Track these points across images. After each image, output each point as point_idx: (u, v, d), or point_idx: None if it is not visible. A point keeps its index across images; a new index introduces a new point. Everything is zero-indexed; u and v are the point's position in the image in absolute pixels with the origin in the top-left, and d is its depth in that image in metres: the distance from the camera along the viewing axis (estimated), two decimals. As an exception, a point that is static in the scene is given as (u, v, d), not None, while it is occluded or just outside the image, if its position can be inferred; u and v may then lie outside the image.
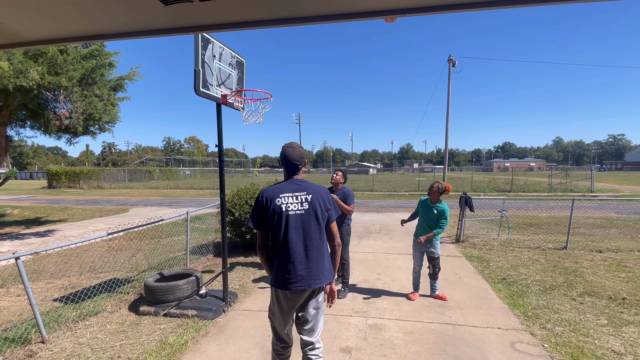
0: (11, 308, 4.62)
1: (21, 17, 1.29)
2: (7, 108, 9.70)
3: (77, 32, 1.45)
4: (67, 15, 1.28)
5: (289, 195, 2.35)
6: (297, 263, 2.29)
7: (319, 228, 2.37)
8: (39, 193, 27.80)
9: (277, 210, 2.30)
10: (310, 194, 2.37)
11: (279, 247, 2.32)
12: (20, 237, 9.68)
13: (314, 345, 2.46)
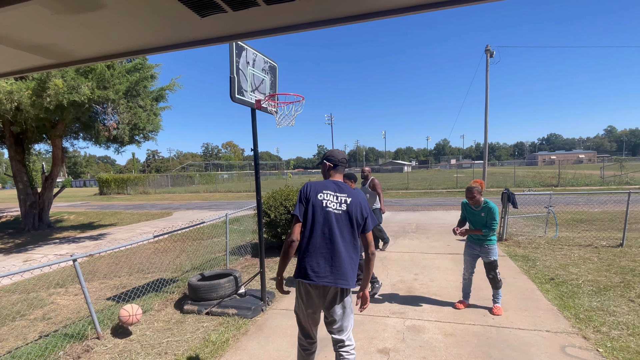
0: (70, 306, 5.02)
1: (73, 38, 1.40)
2: (62, 122, 10.58)
3: (122, 49, 1.55)
4: (113, 33, 1.38)
5: (330, 193, 2.43)
6: (326, 259, 2.34)
7: (352, 232, 2.41)
8: (91, 199, 29.97)
9: (318, 204, 2.39)
10: (350, 198, 2.44)
11: (309, 240, 2.36)
12: (77, 240, 10.49)
13: (344, 342, 2.46)
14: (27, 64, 1.64)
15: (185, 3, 1.17)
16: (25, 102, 8.17)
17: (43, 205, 12.54)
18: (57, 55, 1.57)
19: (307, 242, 2.36)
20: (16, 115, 8.88)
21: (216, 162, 78.48)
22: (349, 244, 2.39)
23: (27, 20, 1.22)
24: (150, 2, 1.17)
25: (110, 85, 9.22)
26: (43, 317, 4.63)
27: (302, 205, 2.42)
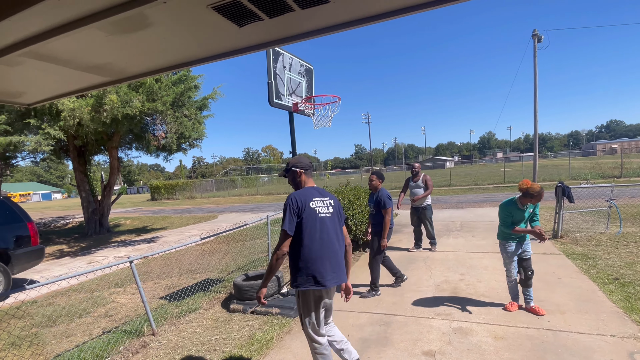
0: (128, 304, 5.41)
1: (125, 56, 1.51)
2: (117, 134, 11.45)
3: (168, 63, 1.65)
4: (160, 49, 1.47)
5: (318, 199, 2.54)
6: (332, 261, 2.48)
7: (341, 230, 2.64)
8: (144, 205, 32.10)
9: (312, 213, 2.47)
10: (332, 200, 2.62)
11: (310, 249, 2.43)
12: (132, 243, 11.29)
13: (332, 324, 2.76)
14: (87, 83, 1.79)
15: (224, 15, 1.22)
16: (85, 118, 8.95)
17: (103, 212, 13.64)
18: (112, 73, 1.70)
19: (309, 251, 2.44)
20: (78, 130, 9.76)
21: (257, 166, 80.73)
22: (341, 242, 2.60)
23: (86, 44, 1.34)
24: (192, 17, 1.23)
25: (159, 98, 9.83)
26: (105, 315, 5.04)
27: (293, 218, 2.42)
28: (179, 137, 11.28)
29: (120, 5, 1.03)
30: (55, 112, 9.17)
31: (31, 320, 5.00)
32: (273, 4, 1.19)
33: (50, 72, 1.56)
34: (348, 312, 4.35)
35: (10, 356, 3.89)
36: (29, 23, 1.05)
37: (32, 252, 6.77)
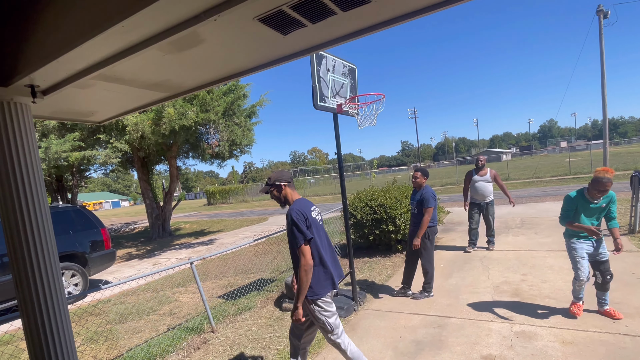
0: (190, 303, 5.79)
1: (181, 72, 1.64)
2: (175, 144, 12.31)
3: (219, 75, 1.76)
4: (211, 63, 1.58)
5: (313, 208, 2.66)
6: (333, 265, 2.64)
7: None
8: (201, 210, 34.08)
9: (315, 222, 2.57)
10: (317, 207, 2.74)
11: (322, 255, 2.55)
12: (192, 246, 12.05)
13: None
14: (148, 99, 1.96)
15: (269, 25, 1.26)
16: (147, 131, 9.77)
17: (165, 217, 14.73)
18: (170, 89, 1.85)
19: (322, 258, 2.55)
20: (141, 142, 10.66)
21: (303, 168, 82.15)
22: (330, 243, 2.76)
23: (147, 63, 1.48)
24: (239, 31, 1.30)
25: (211, 108, 10.44)
26: (169, 312, 5.44)
27: (305, 230, 2.46)
28: (230, 144, 11.85)
29: (177, 26, 1.12)
30: (121, 127, 10.11)
31: (106, 317, 5.54)
32: (316, 10, 1.21)
33: (116, 92, 1.74)
34: (399, 313, 4.27)
35: (88, 350, 4.34)
36: (98, 49, 1.19)
37: (106, 255, 7.51)
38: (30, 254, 1.46)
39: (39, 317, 1.49)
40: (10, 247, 1.45)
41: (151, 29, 1.12)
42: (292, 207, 2.56)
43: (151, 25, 1.10)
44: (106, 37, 1.10)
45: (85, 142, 10.96)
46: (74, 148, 10.31)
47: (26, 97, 1.41)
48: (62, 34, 1.17)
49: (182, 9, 1.04)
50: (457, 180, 24.71)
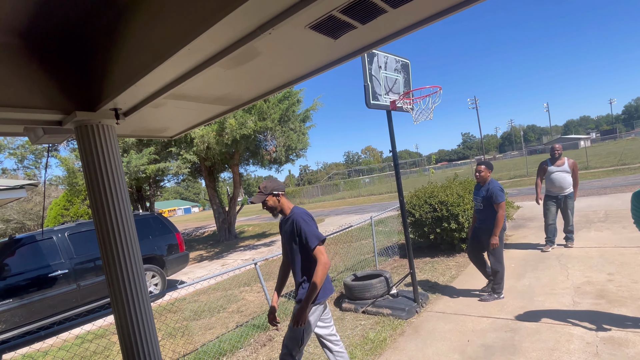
0: (255, 302, 6.09)
1: (240, 85, 1.76)
2: (237, 153, 13.05)
3: (275, 85, 1.83)
4: (267, 74, 1.66)
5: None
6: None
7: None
8: (262, 213, 35.54)
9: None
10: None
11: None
12: (255, 247, 12.64)
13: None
14: (212, 113, 2.13)
15: (320, 32, 1.29)
16: (212, 142, 10.54)
17: (230, 221, 15.65)
18: (231, 102, 1.99)
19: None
20: (207, 153, 11.51)
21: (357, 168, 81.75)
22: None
23: (210, 80, 1.61)
24: (292, 41, 1.35)
25: (268, 116, 10.94)
26: (237, 310, 5.77)
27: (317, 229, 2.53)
28: (287, 149, 12.28)
29: (235, 43, 1.21)
30: (189, 140, 11.01)
31: (182, 314, 6.05)
32: (365, 10, 1.21)
33: (184, 108, 1.92)
34: (466, 316, 4.07)
35: (168, 344, 4.77)
36: (169, 72, 1.33)
37: (180, 257, 8.21)
38: (119, 257, 1.67)
39: (128, 313, 1.68)
40: (103, 251, 1.67)
41: (213, 48, 1.23)
42: (296, 212, 2.59)
43: (213, 45, 1.21)
44: (175, 60, 1.22)
45: (159, 155, 12.13)
46: (150, 161, 11.47)
47: (111, 120, 1.63)
48: (138, 61, 1.33)
49: (239, 28, 1.12)
50: (527, 172, 22.70)
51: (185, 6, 1.13)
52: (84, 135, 1.59)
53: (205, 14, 1.06)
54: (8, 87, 1.41)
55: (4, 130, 1.74)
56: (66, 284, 6.32)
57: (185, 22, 1.14)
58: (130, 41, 1.37)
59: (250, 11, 1.03)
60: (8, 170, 19.77)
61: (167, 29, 1.21)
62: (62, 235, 6.62)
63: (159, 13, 1.25)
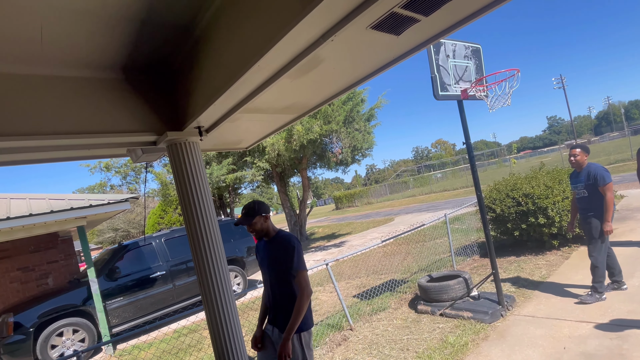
0: (328, 301, 6.22)
1: (306, 93, 1.85)
2: (305, 157, 13.51)
3: (338, 88, 1.88)
4: (331, 79, 1.72)
5: None
6: None
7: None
8: (331, 214, 36.10)
9: None
10: None
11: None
12: (325, 248, 12.90)
13: None
14: (281, 122, 2.27)
15: (382, 30, 1.28)
16: (281, 149, 11.10)
17: (301, 223, 16.20)
18: (298, 110, 2.10)
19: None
20: (278, 159, 12.13)
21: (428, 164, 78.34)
22: None
23: (278, 92, 1.73)
24: (354, 43, 1.37)
25: (332, 119, 11.14)
26: (312, 309, 5.95)
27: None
28: (352, 150, 12.34)
29: (300, 54, 1.28)
30: (262, 149, 11.73)
31: (264, 310, 6.42)
32: (427, 2, 1.18)
33: (257, 120, 2.07)
34: (561, 320, 3.66)
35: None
36: (241, 90, 1.46)
37: (258, 258, 8.75)
38: (207, 259, 1.86)
39: (216, 310, 1.86)
40: (194, 254, 1.87)
41: (279, 63, 1.32)
42: (286, 234, 2.44)
43: (279, 60, 1.30)
44: (246, 78, 1.34)
45: (236, 165, 13.12)
46: (229, 171, 12.50)
47: (195, 137, 1.83)
48: (214, 83, 1.48)
49: (302, 40, 1.18)
50: (631, 155, 19.45)
51: (251, 29, 1.24)
52: (174, 152, 1.81)
53: (269, 32, 1.15)
54: (114, 116, 1.68)
55: (112, 153, 2.06)
56: (164, 284, 7.15)
57: (252, 43, 1.24)
58: (206, 66, 1.54)
59: (312, 24, 1.07)
60: (115, 186, 23.26)
61: (236, 51, 1.34)
62: (159, 240, 7.52)
63: (228, 38, 1.38)
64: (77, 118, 1.59)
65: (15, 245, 7.88)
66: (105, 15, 1.33)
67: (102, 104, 1.65)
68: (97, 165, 19.61)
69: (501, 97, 4.19)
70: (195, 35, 1.58)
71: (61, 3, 1.22)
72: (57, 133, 1.52)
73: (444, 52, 4.05)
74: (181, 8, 1.41)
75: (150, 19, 1.42)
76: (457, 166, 56.58)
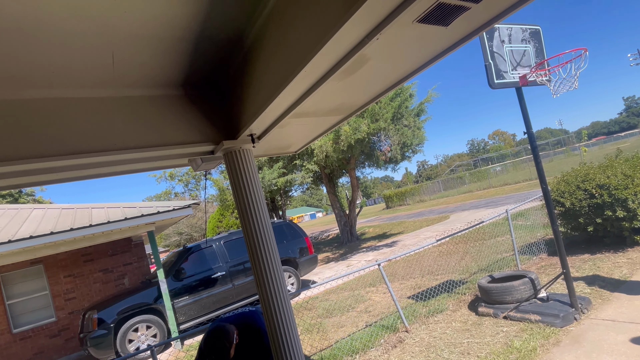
0: (382, 302, 6.13)
1: (352, 93, 1.86)
2: (353, 157, 13.50)
3: (385, 86, 1.83)
4: (377, 77, 1.69)
5: None
6: None
7: None
8: (381, 214, 35.56)
9: None
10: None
11: None
12: (376, 248, 12.73)
13: None
14: (329, 124, 2.30)
15: (429, 22, 1.23)
16: (329, 150, 11.19)
17: (351, 223, 16.17)
18: (344, 111, 2.11)
19: None
20: (326, 161, 12.26)
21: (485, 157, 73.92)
22: None
23: (325, 95, 1.75)
24: (401, 38, 1.33)
25: (380, 117, 11.00)
26: (365, 310, 5.91)
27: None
28: (402, 147, 12.05)
29: (346, 56, 1.29)
30: (310, 152, 11.93)
31: (315, 312, 6.52)
32: None
33: (305, 124, 2.13)
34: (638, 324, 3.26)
35: (306, 339, 5.20)
36: (289, 96, 1.51)
37: (310, 260, 8.90)
38: (263, 260, 1.94)
39: (273, 309, 1.94)
40: (250, 255, 1.97)
41: (325, 66, 1.34)
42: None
43: (325, 64, 1.32)
44: (294, 84, 1.39)
45: (286, 168, 13.50)
46: (280, 175, 12.90)
47: (248, 144, 1.92)
48: (263, 91, 1.55)
49: (346, 42, 1.19)
50: None
51: (297, 35, 1.28)
52: (230, 159, 1.92)
53: (315, 38, 1.18)
54: (177, 129, 1.83)
55: (175, 163, 2.24)
56: (224, 284, 7.56)
57: (298, 49, 1.28)
58: (256, 75, 1.62)
59: (356, 24, 1.08)
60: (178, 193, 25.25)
61: (284, 59, 1.39)
62: (219, 243, 7.98)
63: (276, 46, 1.44)
64: (143, 133, 1.76)
65: (97, 249, 8.85)
66: (166, 38, 1.46)
67: (165, 119, 1.81)
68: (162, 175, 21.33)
69: (566, 80, 3.90)
70: (245, 47, 1.67)
71: (129, 29, 1.37)
72: (127, 148, 1.69)
73: (498, 37, 3.84)
74: (232, 23, 1.50)
75: (204, 37, 1.53)
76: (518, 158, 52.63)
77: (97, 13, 1.25)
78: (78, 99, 1.67)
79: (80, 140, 1.64)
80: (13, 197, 27.06)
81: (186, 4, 1.31)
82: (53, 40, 1.33)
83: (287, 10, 1.34)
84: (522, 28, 4.06)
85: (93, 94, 1.72)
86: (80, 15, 1.23)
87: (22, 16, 1.19)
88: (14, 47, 1.33)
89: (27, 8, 1.16)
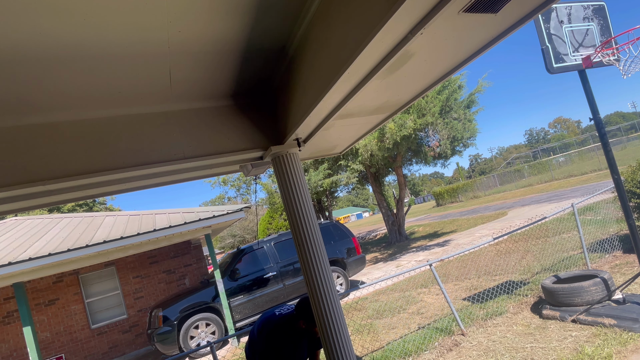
0: (435, 304, 5.93)
1: (396, 90, 1.83)
2: (399, 155, 13.24)
3: (432, 80, 1.77)
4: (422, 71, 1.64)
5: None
6: None
7: None
8: (431, 212, 34.34)
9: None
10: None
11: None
12: (427, 248, 12.33)
13: None
14: (373, 123, 2.30)
15: (477, 11, 1.18)
16: (374, 149, 11.08)
17: (399, 223, 15.83)
18: (389, 109, 2.09)
19: None
20: (371, 160, 12.15)
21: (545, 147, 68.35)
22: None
23: (368, 94, 1.75)
24: (447, 30, 1.28)
25: (427, 111, 10.65)
26: (417, 312, 5.76)
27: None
28: (451, 141, 11.55)
29: (389, 54, 1.26)
30: (355, 151, 11.89)
31: (365, 312, 6.47)
32: None
33: (349, 125, 2.15)
34: None
35: (357, 340, 5.18)
36: (333, 98, 1.55)
37: (358, 260, 8.87)
38: (311, 260, 1.99)
39: (323, 308, 1.97)
40: (300, 255, 2.02)
41: (368, 66, 1.35)
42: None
43: (367, 64, 1.32)
44: (337, 86, 1.41)
45: (331, 169, 13.60)
46: (325, 176, 13.01)
47: (294, 148, 1.99)
48: (307, 96, 1.60)
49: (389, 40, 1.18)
50: None
51: (338, 38, 1.30)
52: (278, 164, 2.00)
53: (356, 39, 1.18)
54: (228, 137, 1.95)
55: (228, 170, 2.37)
56: (275, 284, 7.79)
57: (340, 52, 1.31)
58: (300, 81, 1.67)
59: (399, 21, 1.06)
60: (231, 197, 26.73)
61: (326, 62, 1.42)
62: (269, 244, 8.25)
63: (318, 50, 1.48)
64: (199, 143, 1.89)
65: (161, 252, 9.59)
66: (216, 52, 1.56)
67: (218, 129, 1.93)
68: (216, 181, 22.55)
69: (638, 58, 3.53)
70: (289, 54, 1.73)
71: (183, 48, 1.49)
72: (185, 157, 1.84)
73: (555, 18, 3.58)
74: (277, 32, 1.57)
75: (251, 48, 1.61)
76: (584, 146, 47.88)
77: (154, 34, 1.37)
78: (142, 114, 1.85)
79: (145, 152, 1.80)
80: (88, 205, 30.28)
81: (234, 18, 1.40)
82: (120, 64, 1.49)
83: (329, 12, 1.36)
84: (583, 5, 3.74)
85: (154, 109, 1.88)
86: (140, 38, 1.36)
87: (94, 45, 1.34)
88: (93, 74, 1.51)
89: (98, 38, 1.31)
